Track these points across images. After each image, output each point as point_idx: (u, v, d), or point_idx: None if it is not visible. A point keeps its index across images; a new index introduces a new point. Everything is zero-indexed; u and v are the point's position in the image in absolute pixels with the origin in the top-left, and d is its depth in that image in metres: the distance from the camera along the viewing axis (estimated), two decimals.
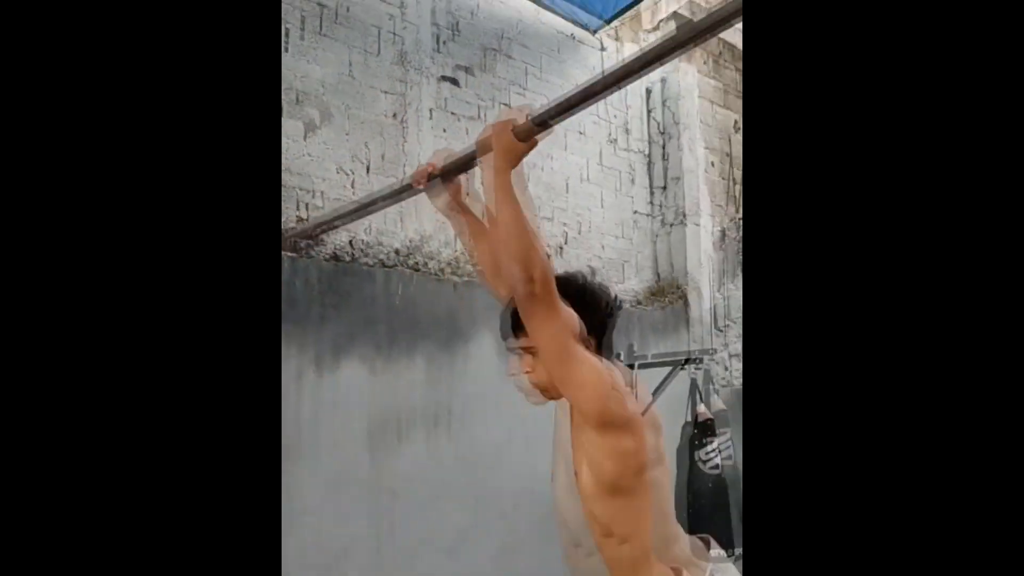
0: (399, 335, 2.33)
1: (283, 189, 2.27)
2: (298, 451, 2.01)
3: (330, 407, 2.12)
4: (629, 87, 3.74)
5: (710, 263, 3.60)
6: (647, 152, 3.67)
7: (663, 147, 3.69)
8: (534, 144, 1.13)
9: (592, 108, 3.47)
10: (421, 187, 1.24)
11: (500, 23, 3.00)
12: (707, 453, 2.56)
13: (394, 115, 2.59)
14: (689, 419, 2.64)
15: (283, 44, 2.31)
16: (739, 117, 4.01)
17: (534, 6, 3.11)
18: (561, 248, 3.10)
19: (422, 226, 2.58)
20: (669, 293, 3.44)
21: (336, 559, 2.05)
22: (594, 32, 3.36)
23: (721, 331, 3.53)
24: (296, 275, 2.13)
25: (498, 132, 1.09)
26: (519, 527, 2.44)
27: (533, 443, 2.56)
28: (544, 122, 1.08)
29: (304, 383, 2.07)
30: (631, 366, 2.97)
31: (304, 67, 2.37)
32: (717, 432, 2.59)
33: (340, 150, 2.41)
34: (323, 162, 2.38)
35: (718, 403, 2.64)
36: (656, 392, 2.76)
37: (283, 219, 2.26)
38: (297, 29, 2.37)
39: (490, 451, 2.43)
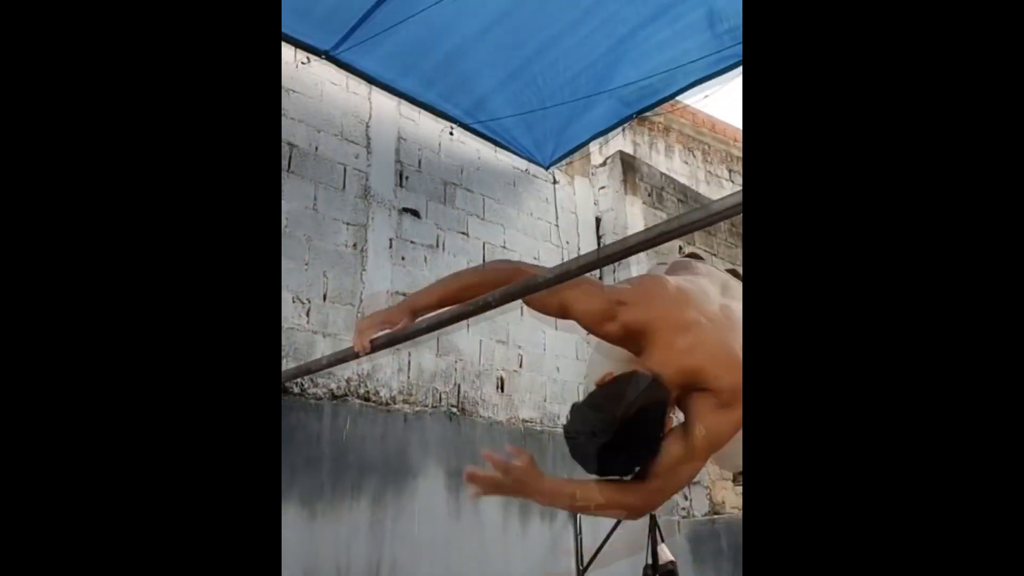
0: (343, 474, 2.24)
1: None
2: None
3: None
4: (580, 217, 3.98)
5: None
6: (599, 276, 3.83)
7: (614, 271, 3.87)
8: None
9: (546, 233, 3.66)
10: (365, 353, 1.22)
11: (460, 160, 3.20)
12: None
13: (354, 245, 2.65)
14: (649, 561, 2.54)
15: None
16: (683, 244, 4.28)
17: (492, 146, 3.34)
18: (516, 371, 3.12)
19: (374, 356, 2.57)
20: None
21: None
22: (547, 168, 3.61)
23: None
24: None
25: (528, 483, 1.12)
26: None
27: None
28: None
29: None
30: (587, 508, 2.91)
31: None
32: None
33: (298, 279, 2.43)
34: (281, 292, 2.38)
35: (666, 554, 2.51)
36: (612, 530, 2.69)
37: None
38: None
39: None
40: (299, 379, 2.30)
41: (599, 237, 3.94)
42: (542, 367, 3.26)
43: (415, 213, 2.92)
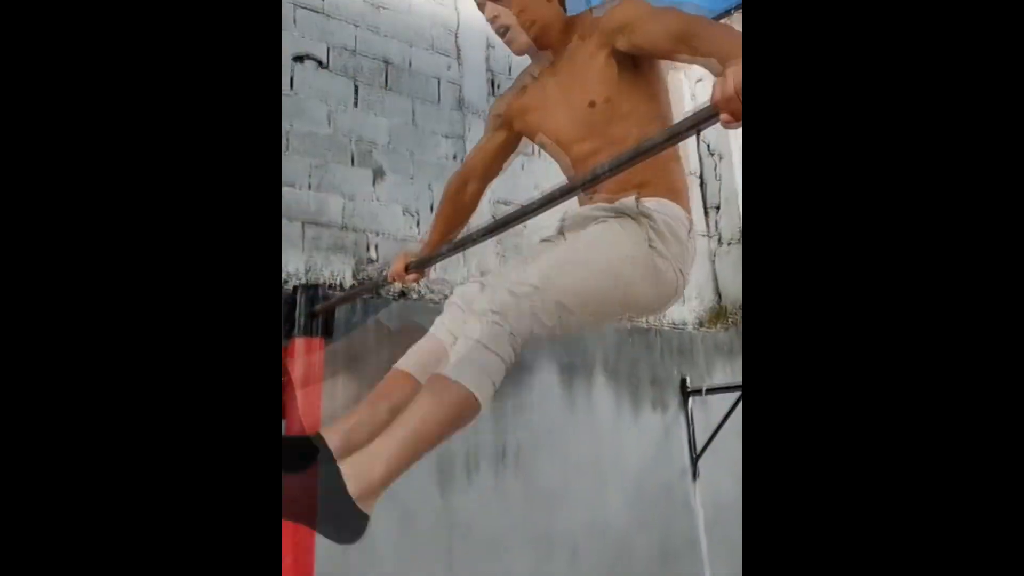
0: None
1: (354, 235, 2.42)
2: None
3: None
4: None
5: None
6: (699, 173, 3.67)
7: (715, 167, 3.68)
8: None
9: None
10: (397, 281, 1.39)
11: None
12: None
13: (454, 156, 2.72)
14: None
15: (353, 100, 2.49)
16: None
17: None
18: None
19: (484, 262, 2.68)
20: (732, 314, 3.40)
21: None
22: None
23: None
24: (368, 314, 2.27)
25: None
26: (585, 570, 2.45)
27: (599, 481, 2.59)
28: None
29: None
30: (698, 392, 2.96)
31: (372, 119, 2.54)
32: None
33: (406, 193, 2.56)
34: (390, 206, 2.53)
35: None
36: (727, 415, 2.73)
37: (354, 261, 2.41)
38: (365, 85, 2.55)
39: (557, 489, 2.47)
40: (417, 287, 2.47)
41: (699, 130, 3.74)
42: None
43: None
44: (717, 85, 0.69)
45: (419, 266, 1.34)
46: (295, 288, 1.53)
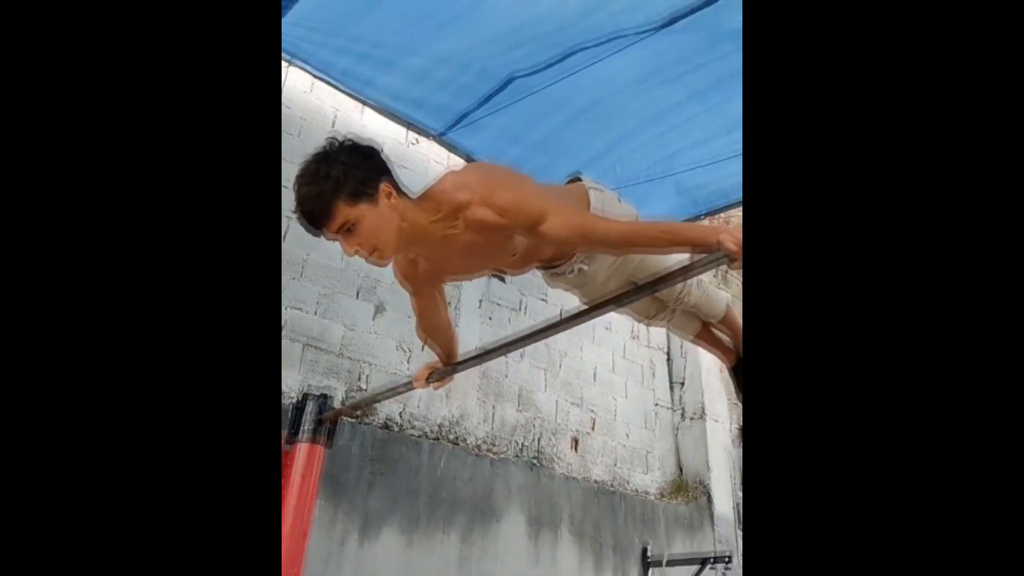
0: (437, 507, 2.41)
1: (349, 363, 2.54)
2: None
3: None
4: None
5: (730, 459, 3.68)
6: (666, 348, 3.98)
7: (681, 345, 4.00)
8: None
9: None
10: (417, 387, 1.53)
11: None
12: None
13: (448, 303, 2.96)
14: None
15: None
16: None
17: None
18: (589, 433, 3.25)
19: (464, 404, 2.79)
20: (693, 488, 3.48)
21: None
22: None
23: None
24: (353, 439, 2.30)
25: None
26: None
27: None
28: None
29: (347, 550, 2.12)
30: (658, 563, 2.93)
31: None
32: None
33: (402, 330, 2.74)
34: (385, 340, 2.69)
35: None
36: None
37: (344, 387, 2.49)
38: None
39: None
40: (400, 419, 2.54)
41: None
42: (614, 432, 3.38)
43: (501, 278, 3.23)
44: (728, 236, 0.90)
45: (440, 376, 1.48)
46: (305, 395, 1.63)
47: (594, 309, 1.17)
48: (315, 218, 1.06)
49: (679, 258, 1.10)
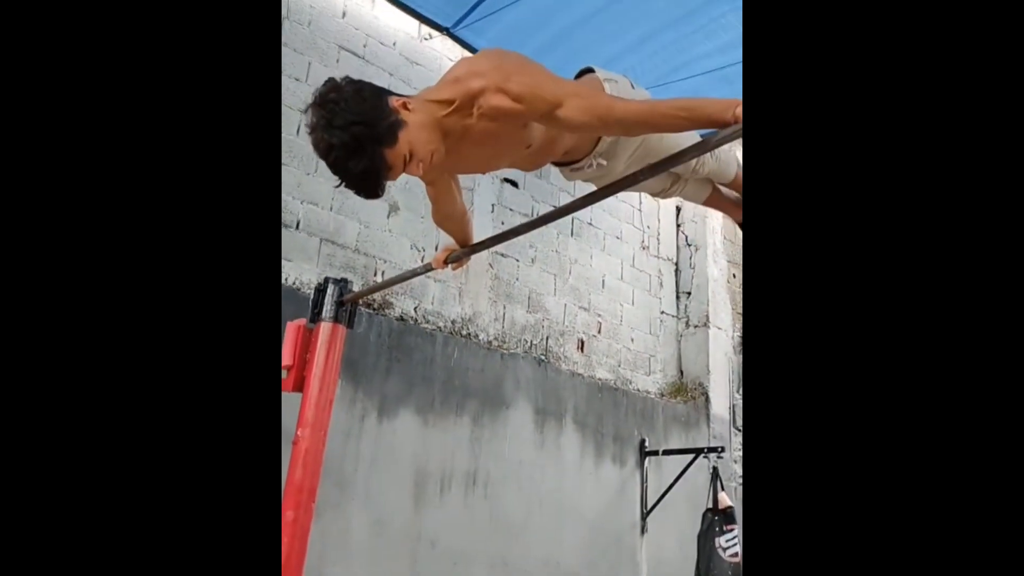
0: (450, 394, 2.59)
1: (364, 259, 2.64)
2: (353, 489, 2.21)
3: (387, 451, 2.34)
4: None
5: (730, 365, 3.83)
6: (675, 260, 4.05)
7: (690, 257, 4.06)
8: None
9: (628, 215, 3.91)
10: (436, 269, 1.59)
11: None
12: (727, 541, 2.66)
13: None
14: (710, 506, 2.77)
15: None
16: None
17: None
18: (595, 336, 3.39)
19: (476, 303, 2.91)
20: (692, 390, 3.65)
21: None
22: None
23: (740, 430, 3.69)
24: (370, 329, 2.44)
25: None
26: None
27: (558, 520, 2.72)
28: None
29: (367, 425, 2.31)
30: (654, 453, 3.15)
31: None
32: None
33: (416, 229, 2.81)
34: (400, 239, 2.77)
35: (725, 500, 2.76)
36: (678, 478, 2.92)
37: (360, 284, 2.61)
38: None
39: (519, 519, 2.59)
40: (415, 314, 2.67)
41: (678, 224, 4.14)
42: (619, 336, 3.52)
43: (514, 184, 3.26)
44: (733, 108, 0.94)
45: (457, 258, 1.56)
46: (327, 280, 1.73)
47: (612, 187, 1.21)
48: (378, 181, 1.03)
49: (696, 138, 1.12)
